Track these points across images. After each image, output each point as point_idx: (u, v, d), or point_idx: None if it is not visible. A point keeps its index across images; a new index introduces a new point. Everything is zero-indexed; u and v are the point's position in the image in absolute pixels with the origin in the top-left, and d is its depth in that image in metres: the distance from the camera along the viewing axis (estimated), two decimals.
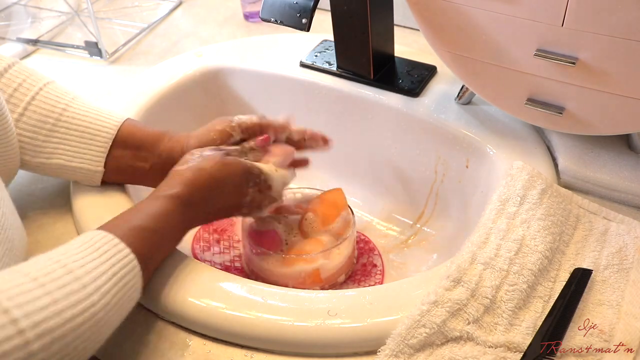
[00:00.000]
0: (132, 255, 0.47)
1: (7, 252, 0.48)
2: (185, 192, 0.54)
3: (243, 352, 0.51)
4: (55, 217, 0.64)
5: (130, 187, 0.66)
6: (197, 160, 0.57)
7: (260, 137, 0.63)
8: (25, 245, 0.53)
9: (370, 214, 0.83)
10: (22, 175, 0.69)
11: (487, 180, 0.68)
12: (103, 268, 0.44)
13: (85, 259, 0.44)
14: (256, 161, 0.61)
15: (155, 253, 0.51)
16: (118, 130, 0.61)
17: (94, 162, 0.60)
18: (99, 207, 0.62)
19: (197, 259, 0.73)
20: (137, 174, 0.62)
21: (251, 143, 0.63)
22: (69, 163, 0.60)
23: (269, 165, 0.61)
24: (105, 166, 0.61)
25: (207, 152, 0.59)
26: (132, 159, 0.61)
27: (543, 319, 0.50)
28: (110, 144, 0.60)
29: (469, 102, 0.74)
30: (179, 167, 0.57)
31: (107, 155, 0.61)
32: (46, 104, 0.59)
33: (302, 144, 0.67)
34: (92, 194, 0.63)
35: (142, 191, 0.69)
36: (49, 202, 0.66)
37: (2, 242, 0.47)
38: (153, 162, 0.62)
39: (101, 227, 0.49)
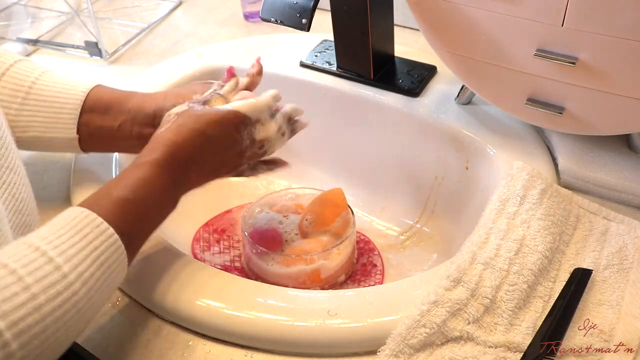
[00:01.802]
0: (115, 236, 0.45)
1: (25, 230, 0.48)
2: (167, 154, 0.51)
3: (243, 352, 0.51)
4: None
5: None
6: (174, 119, 0.55)
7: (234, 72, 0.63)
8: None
9: (370, 214, 0.83)
10: None
11: (487, 180, 0.68)
12: (85, 252, 0.42)
13: (66, 244, 0.42)
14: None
15: (141, 226, 0.49)
16: (86, 97, 0.60)
17: (67, 130, 0.59)
18: None
19: (197, 259, 0.72)
20: (108, 135, 0.60)
21: (221, 84, 0.61)
22: (43, 134, 0.59)
23: (243, 102, 0.58)
24: (78, 132, 0.60)
25: (183, 107, 0.56)
26: (100, 121, 0.60)
27: (543, 319, 0.50)
28: (80, 110, 0.59)
29: (469, 102, 0.74)
30: (158, 130, 0.54)
31: (79, 122, 0.59)
32: (15, 79, 0.59)
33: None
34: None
35: None
36: (48, 202, 0.66)
37: (21, 226, 0.47)
38: (122, 121, 0.60)
39: (83, 203, 0.47)
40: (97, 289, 0.43)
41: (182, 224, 0.54)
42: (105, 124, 0.60)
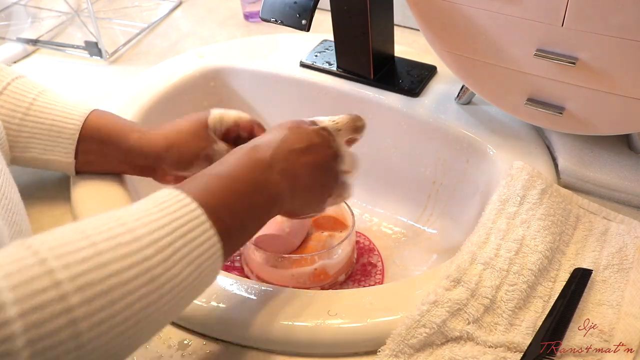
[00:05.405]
0: (194, 204, 0.41)
1: (16, 235, 0.48)
2: (263, 146, 0.50)
3: (243, 352, 0.51)
4: (56, 217, 0.64)
5: (130, 186, 0.66)
6: (281, 132, 0.53)
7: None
8: (30, 232, 0.54)
9: (370, 214, 0.83)
10: (21, 175, 0.69)
11: (487, 180, 0.68)
12: (162, 221, 0.39)
13: (142, 213, 0.40)
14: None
15: (230, 200, 0.45)
16: (84, 124, 0.61)
17: (65, 154, 0.61)
18: (99, 209, 0.62)
19: None
20: (104, 164, 0.63)
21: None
22: (41, 156, 0.61)
23: (350, 151, 0.58)
24: (76, 157, 0.61)
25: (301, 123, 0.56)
26: (98, 151, 0.62)
27: (543, 319, 0.50)
28: (77, 137, 0.61)
29: (469, 102, 0.74)
30: (259, 139, 0.53)
31: (76, 148, 0.61)
32: (13, 98, 0.60)
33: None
34: (92, 195, 0.63)
35: (141, 186, 0.70)
36: (48, 203, 0.66)
37: (12, 225, 0.48)
38: (119, 159, 0.61)
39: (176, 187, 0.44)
40: (176, 261, 0.39)
41: None
42: (102, 155, 0.62)
